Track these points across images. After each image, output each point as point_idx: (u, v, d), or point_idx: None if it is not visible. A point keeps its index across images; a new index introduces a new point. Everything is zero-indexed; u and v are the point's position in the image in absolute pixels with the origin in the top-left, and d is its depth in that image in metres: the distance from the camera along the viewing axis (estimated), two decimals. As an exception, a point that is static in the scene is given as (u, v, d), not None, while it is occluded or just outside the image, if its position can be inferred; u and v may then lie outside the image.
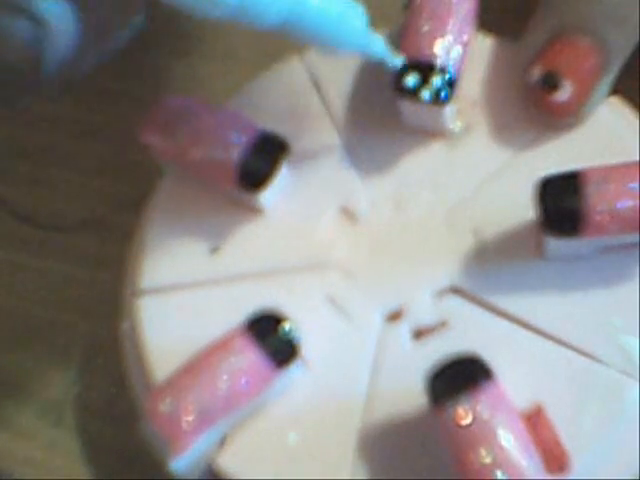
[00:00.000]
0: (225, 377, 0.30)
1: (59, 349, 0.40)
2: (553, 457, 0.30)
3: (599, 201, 0.30)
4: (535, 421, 0.30)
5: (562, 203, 0.31)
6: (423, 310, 0.33)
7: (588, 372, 0.31)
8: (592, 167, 0.31)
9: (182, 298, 0.34)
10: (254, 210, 0.35)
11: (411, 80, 0.33)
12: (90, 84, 0.45)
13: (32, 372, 0.40)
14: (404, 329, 0.33)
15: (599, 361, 0.31)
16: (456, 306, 0.33)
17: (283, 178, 0.35)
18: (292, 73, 0.37)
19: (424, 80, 0.33)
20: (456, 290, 0.33)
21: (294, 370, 0.32)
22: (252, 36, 0.45)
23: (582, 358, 0.31)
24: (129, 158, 0.43)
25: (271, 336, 0.31)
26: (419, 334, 0.33)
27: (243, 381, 0.30)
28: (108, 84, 0.45)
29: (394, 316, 0.33)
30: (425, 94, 0.33)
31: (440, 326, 0.33)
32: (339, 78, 0.37)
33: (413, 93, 0.33)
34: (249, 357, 0.30)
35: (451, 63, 0.33)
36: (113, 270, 0.40)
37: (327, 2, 0.30)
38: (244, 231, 0.35)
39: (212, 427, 0.30)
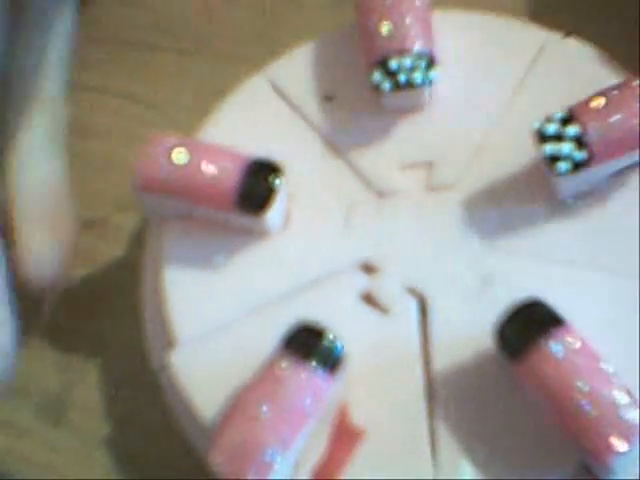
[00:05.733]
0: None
1: (59, 349, 0.40)
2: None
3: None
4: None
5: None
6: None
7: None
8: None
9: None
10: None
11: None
12: (89, 84, 0.45)
13: (32, 372, 0.40)
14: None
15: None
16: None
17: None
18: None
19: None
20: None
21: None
22: (251, 35, 0.45)
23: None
24: (129, 158, 0.43)
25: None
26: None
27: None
28: (108, 84, 0.45)
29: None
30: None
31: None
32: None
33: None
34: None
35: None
36: (113, 270, 0.41)
37: None
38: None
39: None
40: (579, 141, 0.31)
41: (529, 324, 0.29)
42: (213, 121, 0.38)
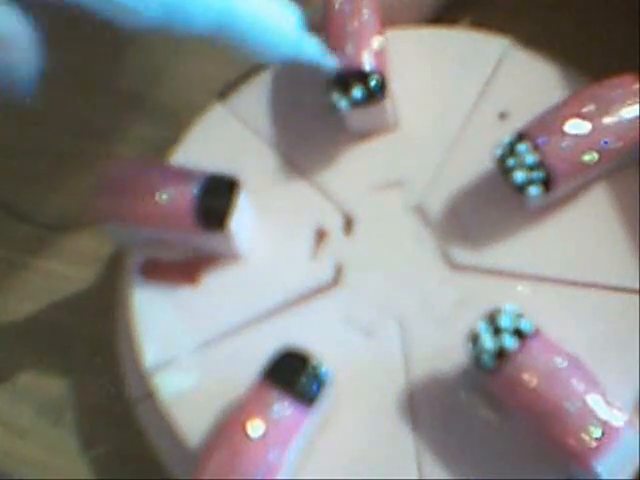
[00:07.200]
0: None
1: (59, 349, 0.40)
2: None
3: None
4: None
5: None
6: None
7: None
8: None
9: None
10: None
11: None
12: (89, 84, 0.45)
13: (32, 372, 0.40)
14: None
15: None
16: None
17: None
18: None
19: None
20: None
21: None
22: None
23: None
24: (129, 157, 0.43)
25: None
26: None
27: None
28: (108, 84, 0.45)
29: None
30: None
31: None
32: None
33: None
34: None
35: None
36: (112, 270, 0.41)
37: (258, 7, 0.30)
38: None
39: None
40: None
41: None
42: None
